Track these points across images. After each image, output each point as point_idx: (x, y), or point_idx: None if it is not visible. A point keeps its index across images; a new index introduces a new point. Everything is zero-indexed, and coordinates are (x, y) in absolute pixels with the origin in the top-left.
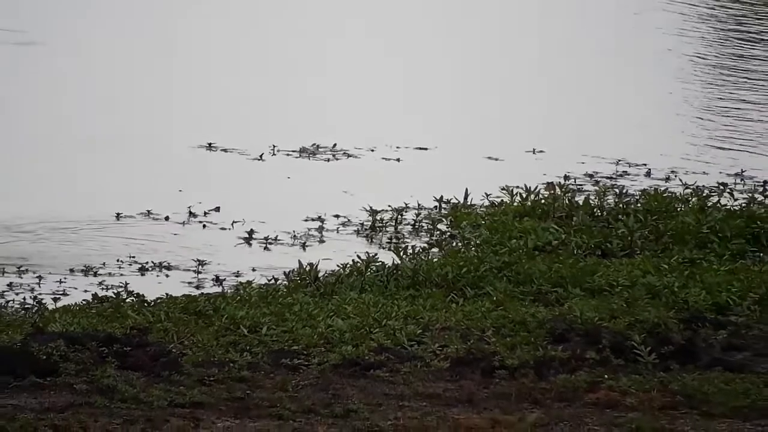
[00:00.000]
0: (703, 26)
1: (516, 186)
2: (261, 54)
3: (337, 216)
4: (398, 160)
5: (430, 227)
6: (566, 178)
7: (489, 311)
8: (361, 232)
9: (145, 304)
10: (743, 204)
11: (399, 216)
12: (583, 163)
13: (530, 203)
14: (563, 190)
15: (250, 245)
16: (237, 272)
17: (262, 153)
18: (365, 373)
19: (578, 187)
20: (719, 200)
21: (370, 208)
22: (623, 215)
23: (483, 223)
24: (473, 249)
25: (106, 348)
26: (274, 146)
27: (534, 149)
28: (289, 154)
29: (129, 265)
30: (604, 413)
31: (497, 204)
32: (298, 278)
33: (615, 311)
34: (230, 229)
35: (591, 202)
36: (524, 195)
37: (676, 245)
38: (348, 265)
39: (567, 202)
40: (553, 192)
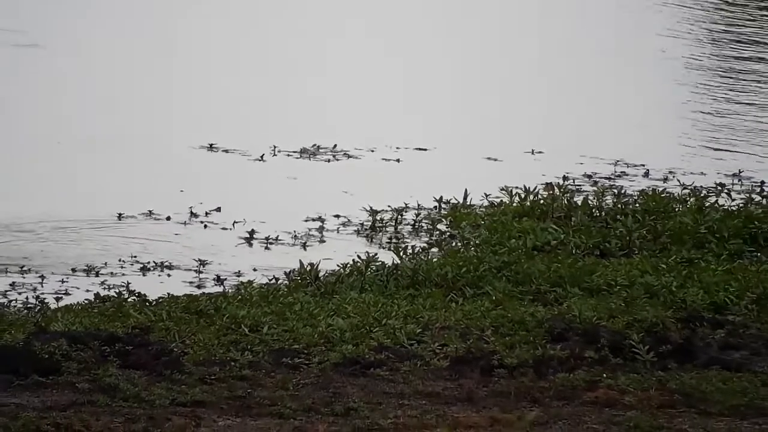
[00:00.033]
0: (703, 27)
1: (515, 186)
2: (261, 54)
3: (338, 216)
4: (398, 161)
5: (430, 227)
6: (565, 179)
7: (488, 310)
8: (362, 232)
9: (147, 304)
10: (741, 204)
11: (399, 216)
12: (582, 164)
13: (529, 203)
14: (562, 191)
15: (251, 245)
16: (238, 272)
17: (263, 154)
18: (365, 372)
19: (577, 188)
20: (717, 200)
21: (370, 209)
22: (621, 215)
23: (482, 224)
24: (473, 249)
25: (108, 347)
26: (275, 147)
27: (533, 150)
28: (290, 155)
29: (131, 265)
30: (603, 412)
31: (496, 204)
32: (299, 278)
33: (613, 311)
34: (231, 229)
35: (589, 203)
36: (523, 195)
37: (674, 245)
38: (348, 265)
39: (566, 203)
40: (552, 192)
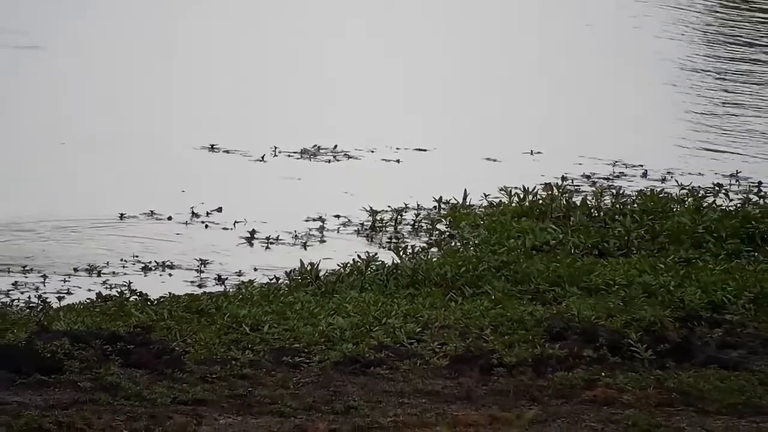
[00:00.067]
0: (697, 29)
1: (514, 187)
2: (261, 54)
3: (338, 216)
4: (398, 162)
5: (430, 227)
6: (564, 179)
7: (487, 310)
8: (362, 232)
9: (149, 303)
10: (738, 204)
11: (399, 216)
12: (581, 164)
13: (528, 204)
14: (561, 191)
15: (252, 245)
16: (239, 271)
17: (264, 154)
18: (365, 371)
19: (575, 188)
20: (715, 201)
21: (371, 209)
22: (620, 215)
23: (481, 223)
24: (472, 249)
25: (110, 346)
26: (276, 147)
27: (532, 150)
28: (290, 155)
29: (132, 265)
30: (601, 410)
31: (496, 204)
32: (300, 277)
33: (612, 310)
34: (232, 229)
35: (588, 203)
36: (522, 195)
37: (672, 245)
38: (348, 265)
39: (564, 203)
40: (551, 193)
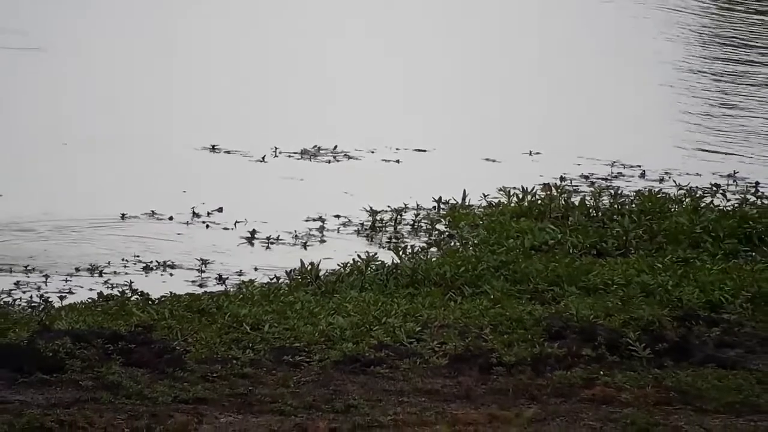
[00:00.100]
0: (697, 31)
1: (513, 187)
2: (261, 54)
3: (338, 216)
4: (398, 162)
5: (429, 227)
6: (562, 179)
7: (487, 309)
8: (362, 232)
9: (150, 303)
10: (736, 204)
11: (398, 216)
12: (579, 165)
13: (527, 204)
14: (559, 191)
15: (253, 245)
16: (239, 271)
17: (264, 155)
18: (365, 370)
19: (574, 188)
20: (712, 201)
21: (370, 209)
22: (618, 215)
23: (481, 223)
24: (471, 248)
25: (112, 345)
26: (276, 148)
27: (531, 151)
28: (291, 156)
29: (134, 264)
30: (600, 409)
31: (495, 204)
32: (300, 277)
33: (610, 309)
34: (233, 229)
35: (587, 203)
36: (521, 196)
37: (670, 245)
38: (348, 264)
39: (563, 203)
40: (550, 193)
